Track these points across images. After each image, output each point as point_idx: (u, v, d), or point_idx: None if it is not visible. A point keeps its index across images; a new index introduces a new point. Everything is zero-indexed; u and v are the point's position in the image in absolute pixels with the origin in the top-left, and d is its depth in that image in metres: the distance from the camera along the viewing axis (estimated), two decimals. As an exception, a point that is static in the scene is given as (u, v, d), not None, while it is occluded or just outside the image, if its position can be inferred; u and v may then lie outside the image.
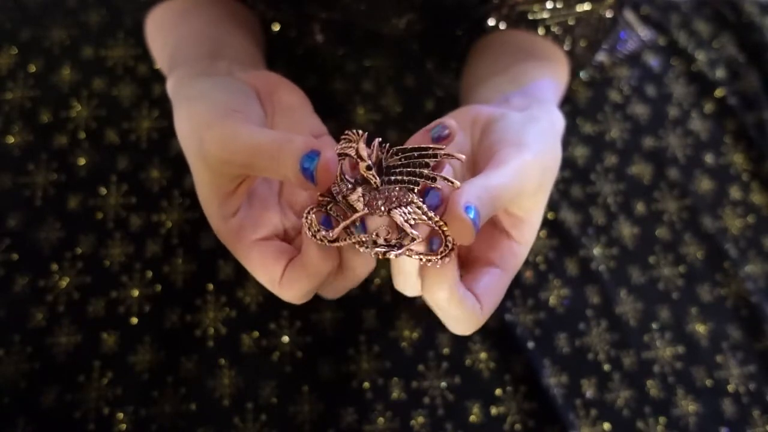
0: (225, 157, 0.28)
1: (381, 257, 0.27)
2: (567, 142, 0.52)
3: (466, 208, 0.25)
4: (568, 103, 0.54)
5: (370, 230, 0.28)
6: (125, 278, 0.43)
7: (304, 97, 0.34)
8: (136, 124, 0.48)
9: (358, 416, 0.41)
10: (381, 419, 0.41)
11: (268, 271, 0.30)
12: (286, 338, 0.43)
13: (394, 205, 0.27)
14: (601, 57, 0.56)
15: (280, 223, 0.32)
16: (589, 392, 0.43)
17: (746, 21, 0.60)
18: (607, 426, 0.43)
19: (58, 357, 0.40)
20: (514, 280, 0.32)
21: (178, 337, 0.42)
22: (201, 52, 0.37)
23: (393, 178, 0.28)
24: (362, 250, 0.28)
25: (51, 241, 0.44)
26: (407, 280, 0.29)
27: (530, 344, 0.44)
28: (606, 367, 0.44)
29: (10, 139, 0.47)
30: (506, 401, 0.42)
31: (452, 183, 0.27)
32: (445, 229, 0.27)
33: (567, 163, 0.52)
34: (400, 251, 0.27)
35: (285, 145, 0.27)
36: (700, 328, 0.47)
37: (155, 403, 0.40)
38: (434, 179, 0.27)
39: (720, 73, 0.58)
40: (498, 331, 0.44)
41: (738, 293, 0.48)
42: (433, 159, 0.28)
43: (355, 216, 0.28)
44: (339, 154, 0.28)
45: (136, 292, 0.43)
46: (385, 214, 0.27)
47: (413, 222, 0.27)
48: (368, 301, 0.44)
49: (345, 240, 0.28)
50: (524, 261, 0.32)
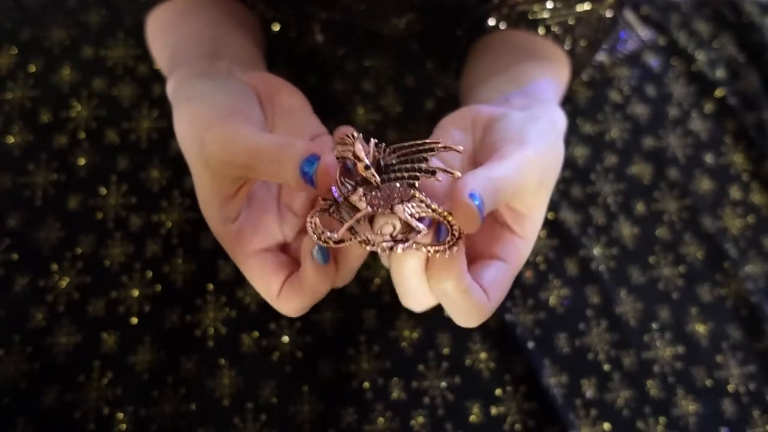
0: (225, 158, 0.28)
1: (388, 253, 0.27)
2: (567, 142, 0.52)
3: (471, 195, 0.26)
4: (568, 103, 0.54)
5: (375, 228, 0.28)
6: (125, 278, 0.43)
7: (304, 99, 0.34)
8: (136, 124, 0.48)
9: (358, 416, 0.41)
10: (381, 419, 0.41)
11: (266, 283, 0.30)
12: (286, 338, 0.43)
13: (396, 201, 0.27)
14: (601, 57, 0.56)
15: (278, 228, 0.32)
16: (589, 392, 0.43)
17: (746, 21, 0.60)
18: (607, 426, 0.43)
19: (58, 357, 0.40)
20: (514, 280, 0.32)
21: (178, 337, 0.42)
22: (201, 52, 0.37)
23: (392, 175, 0.28)
24: (368, 249, 0.28)
25: (51, 241, 0.44)
26: (414, 281, 0.29)
27: (530, 344, 0.44)
28: (606, 367, 0.44)
29: (10, 139, 0.47)
30: (506, 401, 0.42)
31: (452, 173, 0.27)
32: (450, 219, 0.27)
33: (567, 163, 0.51)
34: (406, 245, 0.27)
35: (285, 149, 0.27)
36: (700, 328, 0.47)
37: (155, 403, 0.40)
38: (434, 172, 0.27)
39: (720, 73, 0.58)
40: (498, 331, 0.44)
41: (738, 293, 0.48)
42: (431, 153, 0.28)
43: (358, 215, 0.28)
44: (337, 158, 0.28)
45: (136, 292, 0.43)
46: (389, 210, 0.27)
47: (417, 216, 0.27)
48: (368, 301, 0.44)
49: (350, 240, 0.28)
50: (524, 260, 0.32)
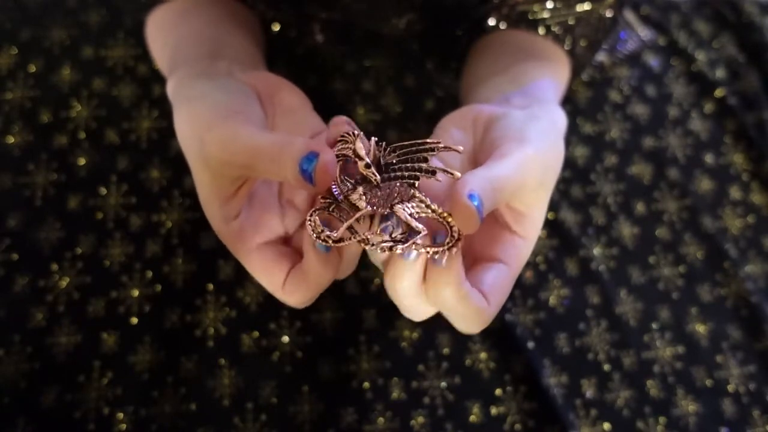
0: (225, 158, 0.28)
1: (387, 252, 0.27)
2: (567, 142, 0.52)
3: (470, 196, 0.25)
4: (568, 103, 0.54)
5: (374, 228, 0.28)
6: (125, 278, 0.43)
7: (304, 97, 0.34)
8: (136, 124, 0.48)
9: (358, 416, 0.41)
10: (381, 419, 0.41)
11: (270, 276, 0.30)
12: (286, 338, 0.43)
13: (396, 200, 0.27)
14: (601, 57, 0.56)
15: (280, 224, 0.32)
16: (589, 392, 0.43)
17: (746, 21, 0.60)
18: (607, 426, 0.43)
19: (58, 357, 0.40)
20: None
21: (178, 337, 0.42)
22: (201, 52, 0.37)
23: (392, 174, 0.28)
24: (367, 248, 0.28)
25: (51, 241, 0.44)
26: (408, 300, 0.29)
27: (530, 344, 0.44)
28: (606, 367, 0.44)
29: (10, 139, 0.47)
30: (506, 401, 0.42)
31: (452, 174, 0.27)
32: (449, 220, 0.27)
33: (567, 163, 0.51)
34: (405, 245, 0.27)
35: (285, 147, 0.27)
36: (700, 328, 0.47)
37: (155, 403, 0.40)
38: (434, 172, 0.27)
39: (720, 73, 0.58)
40: (498, 331, 0.44)
41: (738, 293, 0.48)
42: (431, 153, 0.28)
43: (358, 214, 0.28)
44: (337, 156, 0.28)
45: (136, 292, 0.43)
46: (388, 210, 0.27)
47: (417, 216, 0.27)
48: (368, 301, 0.44)
49: (349, 239, 0.28)
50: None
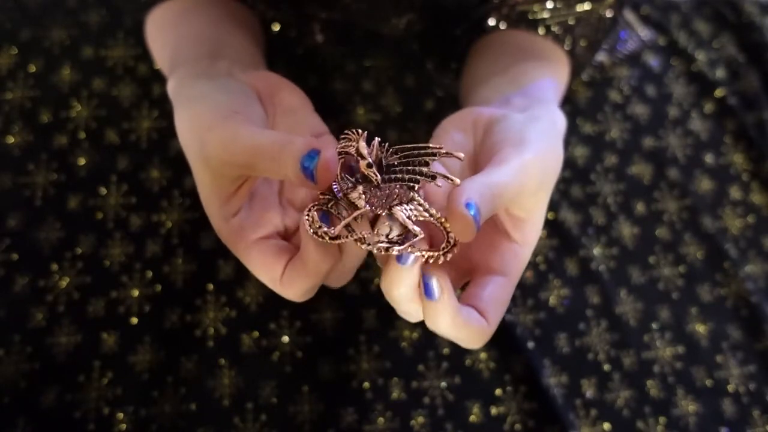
0: (226, 158, 0.28)
1: (383, 253, 0.27)
2: (567, 142, 0.52)
3: (467, 205, 0.25)
4: (568, 103, 0.54)
5: (372, 228, 0.28)
6: (125, 278, 0.43)
7: (304, 97, 0.34)
8: (136, 124, 0.48)
9: (358, 416, 0.41)
10: (381, 419, 0.41)
11: (268, 269, 0.30)
12: (286, 338, 0.43)
13: (395, 202, 0.27)
14: (601, 57, 0.56)
15: (281, 222, 0.32)
16: (589, 392, 0.43)
17: (746, 21, 0.60)
18: (607, 426, 0.43)
19: (58, 357, 0.40)
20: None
21: (178, 337, 0.42)
22: (201, 52, 0.37)
23: (393, 176, 0.28)
24: (364, 247, 0.28)
25: (51, 241, 0.44)
26: (404, 306, 0.29)
27: (530, 344, 0.44)
28: (606, 367, 0.44)
29: (10, 139, 0.47)
30: (506, 401, 0.42)
31: (452, 180, 0.27)
32: (446, 225, 0.27)
33: (567, 163, 0.51)
34: (402, 247, 0.27)
35: (286, 145, 0.27)
36: (700, 328, 0.47)
37: (155, 403, 0.40)
38: (434, 177, 0.27)
39: (720, 73, 0.58)
40: (498, 331, 0.44)
41: (738, 293, 0.48)
42: (432, 158, 0.28)
43: (356, 213, 0.28)
44: (339, 153, 0.28)
45: (136, 292, 0.43)
46: (387, 211, 0.27)
47: (415, 219, 0.27)
48: (368, 301, 0.44)
49: (346, 237, 0.28)
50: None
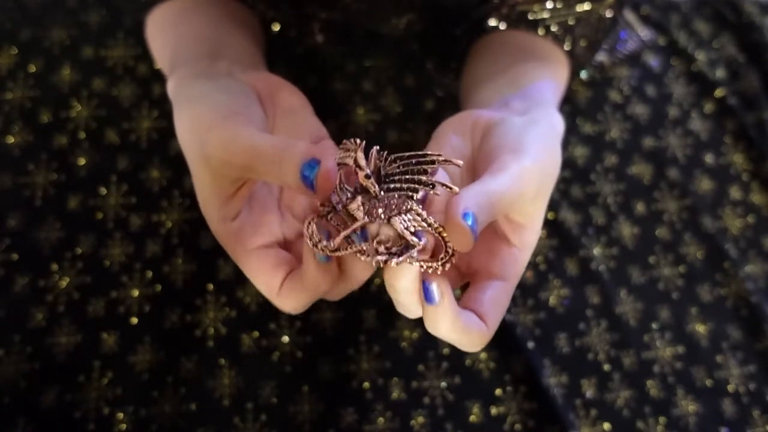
0: (226, 158, 0.28)
1: (382, 266, 0.27)
2: (567, 142, 0.52)
3: (464, 215, 0.25)
4: (568, 103, 0.54)
5: (371, 239, 0.28)
6: (125, 278, 0.43)
7: (304, 99, 0.34)
8: (136, 124, 0.48)
9: (358, 416, 0.41)
10: (381, 419, 0.41)
11: (267, 280, 0.30)
12: (286, 338, 0.43)
13: (393, 212, 0.27)
14: (601, 57, 0.56)
15: (279, 228, 0.32)
16: (589, 392, 0.43)
17: (746, 21, 0.60)
18: (607, 426, 0.43)
19: (58, 357, 0.40)
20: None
21: (178, 337, 0.42)
22: (201, 52, 0.37)
23: (392, 185, 0.28)
24: (363, 259, 0.28)
25: (51, 241, 0.44)
26: (407, 298, 0.29)
27: (530, 344, 0.44)
28: (606, 367, 0.44)
29: (10, 139, 0.47)
30: (506, 401, 0.42)
31: (451, 189, 0.27)
32: (444, 235, 0.27)
33: (567, 163, 0.52)
34: (400, 259, 0.27)
35: (286, 150, 0.27)
36: (700, 328, 0.47)
37: (155, 403, 0.40)
38: (433, 186, 0.27)
39: (720, 73, 0.58)
40: (498, 331, 0.44)
41: (738, 293, 0.48)
42: (431, 166, 0.28)
43: (355, 225, 0.28)
44: (338, 164, 0.28)
45: (136, 292, 0.43)
46: (385, 222, 0.27)
47: (413, 229, 0.27)
48: (368, 301, 0.44)
49: (346, 249, 0.28)
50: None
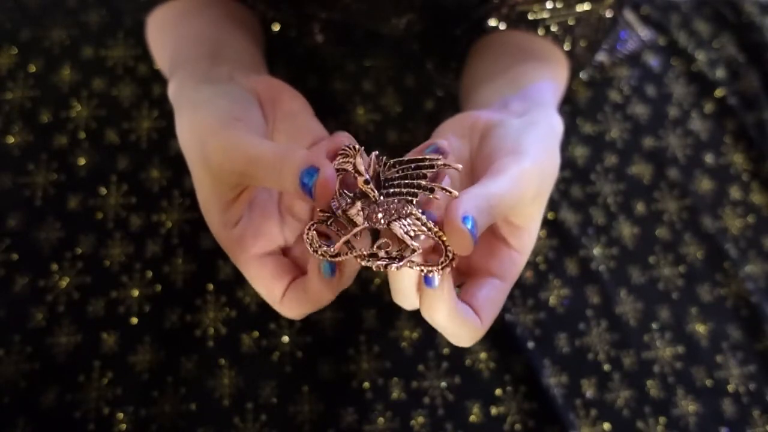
0: (226, 164, 0.28)
1: (382, 270, 0.27)
2: (567, 142, 0.52)
3: (464, 219, 0.25)
4: (568, 103, 0.54)
5: (372, 243, 0.28)
6: (125, 278, 0.43)
7: (305, 102, 0.34)
8: (136, 124, 0.48)
9: (358, 416, 0.41)
10: (381, 419, 0.41)
11: (269, 288, 0.30)
12: (286, 338, 0.43)
13: (393, 217, 0.27)
14: (601, 57, 0.56)
15: (280, 233, 0.32)
16: (589, 392, 0.43)
17: (746, 21, 0.60)
18: (607, 426, 0.43)
19: (58, 357, 0.40)
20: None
21: (178, 337, 0.42)
22: (201, 52, 0.37)
23: (391, 190, 0.28)
24: (363, 264, 0.28)
25: (51, 241, 0.44)
26: (406, 296, 0.29)
27: (530, 344, 0.44)
28: (606, 367, 0.44)
29: (10, 139, 0.47)
30: (506, 401, 0.42)
31: (450, 192, 0.27)
32: (444, 239, 0.27)
33: (567, 163, 0.52)
34: (401, 263, 0.27)
35: (285, 158, 0.27)
36: (700, 328, 0.47)
37: (155, 403, 0.40)
38: (432, 190, 0.27)
39: (720, 73, 0.58)
40: (498, 331, 0.44)
41: (738, 293, 0.48)
42: (431, 170, 0.28)
43: (355, 230, 0.28)
44: (337, 170, 0.28)
45: (136, 292, 0.43)
46: (385, 226, 0.27)
47: (413, 234, 0.27)
48: (368, 301, 0.44)
49: (346, 254, 0.28)
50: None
